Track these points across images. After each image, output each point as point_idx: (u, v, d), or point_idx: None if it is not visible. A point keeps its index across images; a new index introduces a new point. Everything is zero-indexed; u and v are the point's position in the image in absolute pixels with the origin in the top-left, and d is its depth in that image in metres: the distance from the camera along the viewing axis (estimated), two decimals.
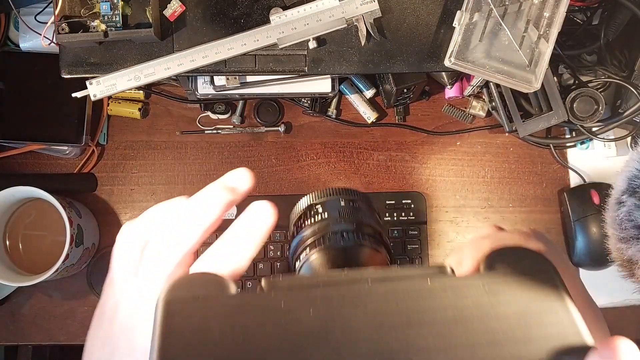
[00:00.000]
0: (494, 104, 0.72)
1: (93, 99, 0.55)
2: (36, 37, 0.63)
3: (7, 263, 0.70)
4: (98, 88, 0.55)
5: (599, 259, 0.73)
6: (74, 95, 0.56)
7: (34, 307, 0.74)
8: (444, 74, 0.73)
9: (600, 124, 0.72)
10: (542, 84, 0.59)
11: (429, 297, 0.22)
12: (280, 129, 0.76)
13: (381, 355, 0.20)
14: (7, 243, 0.71)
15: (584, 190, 0.74)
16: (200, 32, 0.56)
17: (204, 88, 0.65)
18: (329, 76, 0.66)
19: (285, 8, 0.56)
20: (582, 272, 0.76)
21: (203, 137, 0.77)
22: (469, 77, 0.74)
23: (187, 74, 0.56)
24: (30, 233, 0.71)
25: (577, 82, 0.73)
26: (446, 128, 0.78)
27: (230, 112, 0.76)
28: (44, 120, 0.72)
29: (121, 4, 0.54)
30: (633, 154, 0.37)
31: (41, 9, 0.66)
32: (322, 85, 0.67)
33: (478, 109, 0.76)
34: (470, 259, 0.28)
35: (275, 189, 0.77)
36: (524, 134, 0.70)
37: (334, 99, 0.77)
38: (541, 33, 0.56)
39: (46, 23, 0.55)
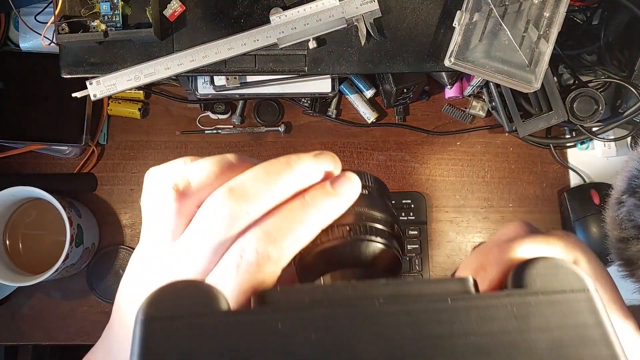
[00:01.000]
0: (494, 104, 0.72)
1: (93, 99, 0.55)
2: (36, 37, 0.63)
3: (7, 263, 0.70)
4: (98, 88, 0.55)
5: (599, 259, 0.72)
6: (74, 95, 0.56)
7: (34, 307, 0.74)
8: (444, 74, 0.72)
9: (600, 124, 0.72)
10: (542, 84, 0.59)
11: (449, 321, 0.19)
12: (280, 129, 0.76)
13: None
14: (7, 243, 0.71)
15: (584, 190, 0.74)
16: (200, 32, 0.56)
17: (204, 88, 0.65)
18: (329, 76, 0.66)
19: (285, 8, 0.56)
20: None
21: (203, 137, 0.77)
22: (469, 77, 0.74)
23: (187, 74, 0.56)
24: (30, 233, 0.71)
25: (577, 82, 0.73)
26: (446, 128, 0.78)
27: (230, 112, 0.76)
28: (44, 120, 0.72)
29: (121, 4, 0.54)
30: (633, 154, 0.37)
31: (41, 9, 0.66)
32: (322, 85, 0.67)
33: (478, 109, 0.76)
34: (497, 267, 0.25)
35: None
36: (524, 134, 0.70)
37: (334, 99, 0.77)
38: (541, 33, 0.56)
39: (46, 23, 0.55)
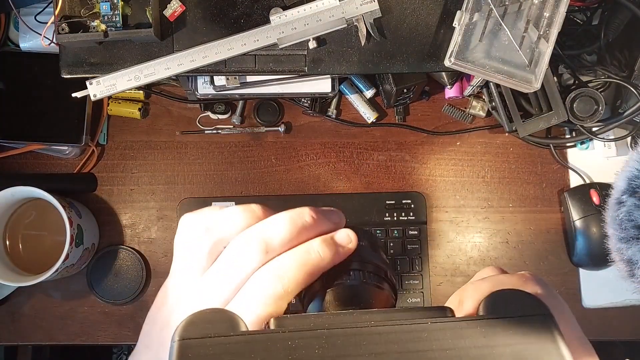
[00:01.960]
0: (494, 104, 0.72)
1: (93, 99, 0.55)
2: (36, 37, 0.63)
3: (7, 263, 0.70)
4: (98, 88, 0.55)
5: (599, 259, 0.73)
6: (74, 95, 0.56)
7: (34, 307, 0.74)
8: (444, 74, 0.73)
9: (600, 124, 0.72)
10: (542, 84, 0.59)
11: (427, 338, 0.23)
12: (280, 129, 0.76)
13: None
14: (7, 243, 0.71)
15: (584, 190, 0.74)
16: (200, 32, 0.56)
17: (204, 88, 0.65)
18: (329, 76, 0.66)
19: (285, 8, 0.56)
20: (582, 272, 0.76)
21: (203, 137, 0.77)
22: (469, 77, 0.74)
23: (187, 74, 0.56)
24: (30, 233, 0.71)
25: (577, 82, 0.73)
26: (446, 128, 0.78)
27: (230, 112, 0.76)
28: (44, 120, 0.72)
29: (121, 4, 0.54)
30: (633, 154, 0.37)
31: (41, 9, 0.66)
32: (322, 85, 0.67)
33: (478, 109, 0.76)
34: (471, 300, 0.30)
35: (275, 189, 0.77)
36: (524, 134, 0.70)
37: (334, 99, 0.77)
38: (541, 33, 0.56)
39: (46, 23, 0.55)
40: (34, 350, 0.93)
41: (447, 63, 0.56)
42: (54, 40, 0.54)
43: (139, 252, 0.75)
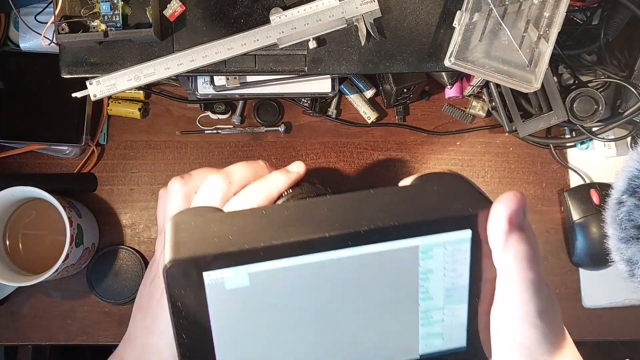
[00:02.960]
0: (494, 104, 0.72)
1: (93, 99, 0.55)
2: (36, 37, 0.63)
3: (7, 263, 0.70)
4: (98, 88, 0.55)
5: (599, 259, 0.73)
6: (74, 95, 0.56)
7: (34, 307, 0.74)
8: (444, 74, 0.73)
9: (600, 124, 0.72)
10: (542, 84, 0.59)
11: (373, 195, 0.32)
12: (280, 129, 0.76)
13: (342, 220, 0.29)
14: (7, 243, 0.71)
15: (584, 190, 0.74)
16: (200, 32, 0.56)
17: (204, 88, 0.65)
18: (329, 76, 0.66)
19: (285, 8, 0.56)
20: (582, 272, 0.76)
21: (203, 137, 0.77)
22: (469, 77, 0.74)
23: (187, 74, 0.56)
24: (30, 233, 0.71)
25: (577, 82, 0.73)
26: (446, 128, 0.78)
27: (230, 112, 0.76)
28: (44, 120, 0.72)
29: (121, 4, 0.54)
30: (633, 154, 0.38)
31: (41, 9, 0.66)
32: (322, 85, 0.67)
33: (478, 109, 0.76)
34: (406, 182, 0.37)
35: None
36: (524, 134, 0.70)
37: (334, 99, 0.77)
38: (541, 33, 0.56)
39: (46, 23, 0.55)
40: (34, 350, 0.93)
41: (447, 63, 0.56)
42: (54, 40, 0.54)
43: (139, 252, 0.75)
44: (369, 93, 0.76)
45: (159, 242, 0.45)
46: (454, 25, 0.55)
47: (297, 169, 0.46)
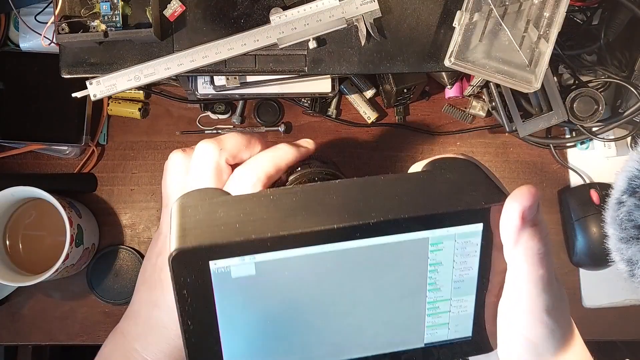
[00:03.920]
0: (494, 104, 0.72)
1: (93, 99, 0.55)
2: (36, 37, 0.63)
3: (7, 263, 0.70)
4: (98, 88, 0.55)
5: (599, 259, 0.73)
6: (74, 95, 0.56)
7: (34, 307, 0.74)
8: (444, 74, 0.73)
9: (600, 124, 0.72)
10: (542, 84, 0.59)
11: (382, 182, 0.31)
12: (280, 129, 0.76)
13: (350, 210, 0.29)
14: (7, 243, 0.71)
15: (584, 190, 0.74)
16: (200, 32, 0.56)
17: (204, 88, 0.65)
18: (329, 76, 0.66)
19: (285, 8, 0.56)
20: (582, 272, 0.76)
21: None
22: (469, 77, 0.74)
23: (187, 74, 0.56)
24: (30, 233, 0.71)
25: (577, 82, 0.73)
26: (446, 128, 0.78)
27: (230, 112, 0.76)
28: (44, 120, 0.72)
29: (121, 4, 0.54)
30: (633, 154, 0.38)
31: (41, 9, 0.66)
32: (322, 85, 0.67)
33: (478, 109, 0.76)
34: (417, 167, 0.38)
35: None
36: (524, 134, 0.70)
37: (334, 99, 0.77)
38: (541, 33, 0.56)
39: (46, 23, 0.55)
40: (34, 350, 0.93)
41: (447, 63, 0.56)
42: (54, 40, 0.54)
43: (139, 252, 0.75)
44: (369, 93, 0.76)
45: (165, 215, 0.45)
46: (454, 25, 0.55)
47: (307, 144, 0.46)
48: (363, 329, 0.31)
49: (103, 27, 0.54)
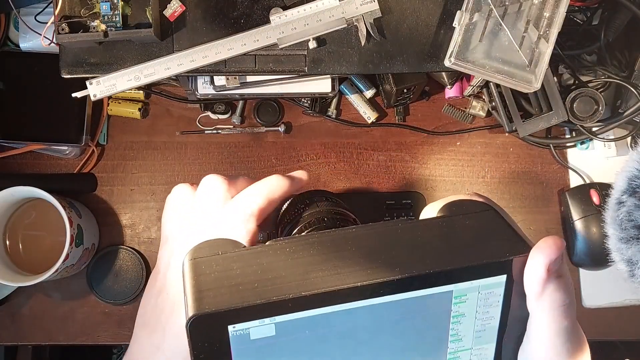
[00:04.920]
0: (494, 104, 0.72)
1: (93, 99, 0.55)
2: (36, 37, 0.63)
3: (7, 263, 0.70)
4: (98, 88, 0.55)
5: (599, 259, 0.73)
6: (74, 95, 0.56)
7: (33, 307, 0.74)
8: (444, 74, 0.73)
9: (600, 124, 0.72)
10: (542, 84, 0.59)
11: (402, 229, 0.30)
12: (280, 129, 0.76)
13: (373, 266, 0.28)
14: (7, 243, 0.71)
15: (584, 190, 0.74)
16: (200, 32, 0.56)
17: (204, 88, 0.65)
18: (329, 76, 0.66)
19: (285, 8, 0.56)
20: (582, 272, 0.76)
21: (203, 137, 0.77)
22: (469, 77, 0.74)
23: (187, 74, 0.56)
24: (30, 233, 0.71)
25: (577, 82, 0.73)
26: (446, 128, 0.78)
27: (230, 112, 0.76)
28: (44, 120, 0.72)
29: (121, 4, 0.54)
30: (633, 154, 0.37)
31: (41, 9, 0.66)
32: (322, 85, 0.67)
33: (478, 109, 0.76)
34: (431, 211, 0.36)
35: None
36: (524, 134, 0.70)
37: (334, 99, 0.77)
38: (541, 33, 0.56)
39: (46, 23, 0.55)
40: (34, 351, 0.93)
41: (447, 63, 0.56)
42: (54, 40, 0.54)
43: (139, 252, 0.75)
44: (369, 93, 0.76)
45: (164, 252, 0.42)
46: (454, 25, 0.55)
47: (300, 175, 0.44)
48: None
49: (103, 27, 0.54)
